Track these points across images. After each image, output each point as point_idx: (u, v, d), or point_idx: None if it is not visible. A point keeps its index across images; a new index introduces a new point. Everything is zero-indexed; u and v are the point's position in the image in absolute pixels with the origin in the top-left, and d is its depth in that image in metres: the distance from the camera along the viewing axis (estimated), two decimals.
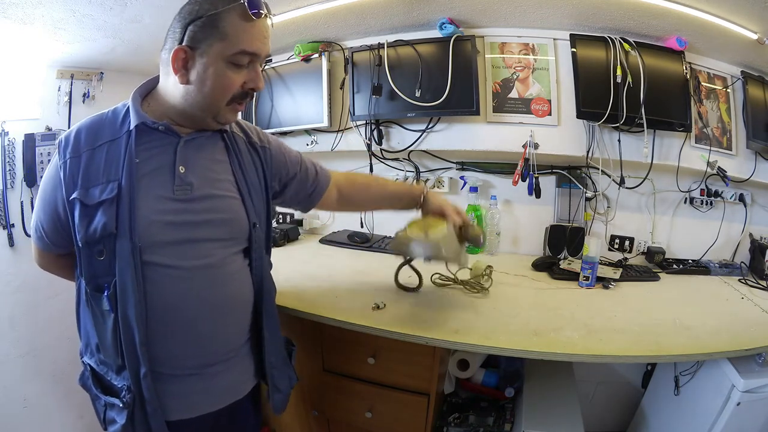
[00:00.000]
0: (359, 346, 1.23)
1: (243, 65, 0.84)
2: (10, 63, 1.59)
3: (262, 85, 0.88)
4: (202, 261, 0.85)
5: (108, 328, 0.82)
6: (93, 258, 0.81)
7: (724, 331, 1.16)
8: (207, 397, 0.90)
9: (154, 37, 1.63)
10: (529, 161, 1.66)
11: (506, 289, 1.41)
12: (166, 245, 0.82)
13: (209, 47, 0.80)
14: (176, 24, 0.83)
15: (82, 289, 0.86)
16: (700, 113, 1.66)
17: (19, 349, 1.67)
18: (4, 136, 1.60)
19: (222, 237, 0.89)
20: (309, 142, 2.00)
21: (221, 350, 0.90)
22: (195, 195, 0.86)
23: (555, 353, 1.02)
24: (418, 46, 1.71)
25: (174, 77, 0.83)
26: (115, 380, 0.86)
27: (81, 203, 0.80)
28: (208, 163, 0.90)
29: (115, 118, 0.87)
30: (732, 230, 1.76)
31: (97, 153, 0.83)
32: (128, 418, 0.82)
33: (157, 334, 0.82)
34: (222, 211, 0.89)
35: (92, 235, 0.80)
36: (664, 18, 1.49)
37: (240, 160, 0.95)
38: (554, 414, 1.38)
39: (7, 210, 1.62)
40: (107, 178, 0.81)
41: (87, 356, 0.92)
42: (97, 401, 0.91)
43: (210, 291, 0.86)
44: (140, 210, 0.81)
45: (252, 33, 0.82)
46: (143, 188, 0.82)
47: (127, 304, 0.79)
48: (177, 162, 0.85)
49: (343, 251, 1.84)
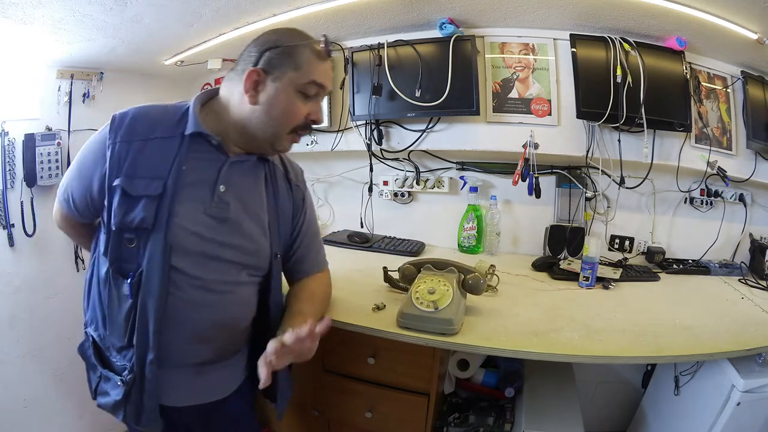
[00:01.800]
0: (359, 346, 1.23)
1: (310, 96, 0.90)
2: (10, 63, 1.59)
3: (323, 118, 0.94)
4: (220, 278, 0.90)
5: (123, 310, 0.86)
6: (122, 244, 0.85)
7: (724, 331, 1.16)
8: (197, 390, 0.95)
9: (154, 37, 1.63)
10: (529, 161, 1.66)
11: (506, 289, 1.41)
12: (192, 254, 0.87)
13: (283, 74, 0.86)
14: (252, 48, 0.89)
15: (101, 266, 0.89)
16: (700, 113, 1.66)
17: (19, 349, 1.67)
18: (4, 136, 1.59)
19: (243, 263, 0.94)
20: (309, 142, 1.99)
21: (216, 356, 0.95)
22: (228, 216, 0.90)
23: (555, 354, 1.02)
24: (418, 46, 1.71)
25: (241, 96, 0.88)
26: (114, 357, 0.91)
27: (123, 191, 0.83)
28: (247, 189, 0.95)
29: (173, 115, 0.90)
30: (732, 230, 1.76)
31: (149, 145, 0.86)
32: (124, 395, 0.87)
33: (167, 328, 0.86)
34: (248, 238, 0.94)
35: (128, 224, 0.83)
36: (664, 18, 1.49)
37: (276, 191, 1.01)
38: (554, 414, 1.38)
39: (7, 210, 1.61)
40: (154, 174, 0.84)
41: (91, 328, 0.96)
42: (92, 371, 0.97)
43: (216, 309, 0.90)
44: (177, 215, 0.85)
45: (322, 68, 0.89)
46: (184, 195, 0.86)
47: (149, 295, 0.83)
48: (219, 180, 0.89)
49: (343, 251, 1.84)
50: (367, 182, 1.99)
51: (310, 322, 0.81)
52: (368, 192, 2.00)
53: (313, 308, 1.02)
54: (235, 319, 0.95)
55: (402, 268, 1.28)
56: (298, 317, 0.94)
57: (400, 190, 1.97)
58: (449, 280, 1.17)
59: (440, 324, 1.07)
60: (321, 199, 2.16)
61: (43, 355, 1.73)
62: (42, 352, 1.73)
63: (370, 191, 2.00)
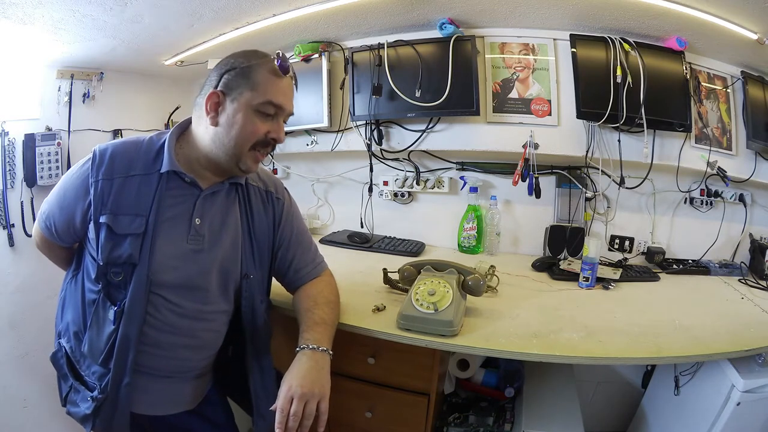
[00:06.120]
0: (359, 346, 1.23)
1: (269, 115, 0.92)
2: (10, 63, 1.59)
3: (284, 138, 0.96)
4: (198, 307, 0.95)
5: (104, 334, 0.90)
6: (110, 275, 0.90)
7: (724, 331, 1.16)
8: (166, 400, 1.00)
9: (154, 37, 1.63)
10: (529, 161, 1.66)
11: (506, 289, 1.41)
12: (172, 286, 0.92)
13: (240, 95, 0.89)
14: (213, 73, 0.93)
15: (86, 286, 0.94)
16: (700, 113, 1.66)
17: (19, 349, 1.67)
18: (4, 136, 1.59)
19: (220, 288, 0.99)
20: (309, 142, 2.00)
21: (187, 372, 1.00)
22: (203, 247, 0.95)
23: (555, 356, 1.02)
24: (418, 46, 1.70)
25: (206, 121, 0.91)
26: (85, 372, 0.94)
27: (109, 228, 0.88)
28: (221, 217, 0.99)
29: (149, 150, 0.94)
30: (732, 230, 1.76)
31: (128, 182, 0.91)
32: (94, 410, 0.91)
33: (144, 347, 0.91)
34: (223, 265, 0.98)
35: (115, 260, 0.88)
36: (664, 18, 1.49)
37: (250, 213, 1.04)
38: (554, 414, 1.38)
39: (7, 210, 1.61)
40: (136, 211, 0.89)
41: (64, 340, 1.00)
42: (63, 380, 1.01)
43: (188, 335, 0.96)
44: (158, 251, 0.90)
45: (278, 87, 0.92)
46: (164, 231, 0.91)
47: (131, 324, 0.88)
48: (194, 214, 0.94)
49: (343, 251, 1.84)
50: (367, 182, 1.99)
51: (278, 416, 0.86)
52: (368, 192, 2.00)
53: (320, 311, 1.04)
54: (206, 341, 1.00)
55: (402, 270, 1.29)
56: (307, 322, 1.01)
57: (400, 190, 1.97)
58: (449, 282, 1.17)
59: (440, 325, 1.07)
60: (321, 199, 2.16)
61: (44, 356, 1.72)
62: (42, 353, 1.72)
63: (370, 191, 2.00)
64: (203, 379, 1.06)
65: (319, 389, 0.90)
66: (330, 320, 1.05)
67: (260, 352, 1.03)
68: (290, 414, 0.86)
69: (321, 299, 1.08)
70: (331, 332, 1.03)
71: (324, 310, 1.05)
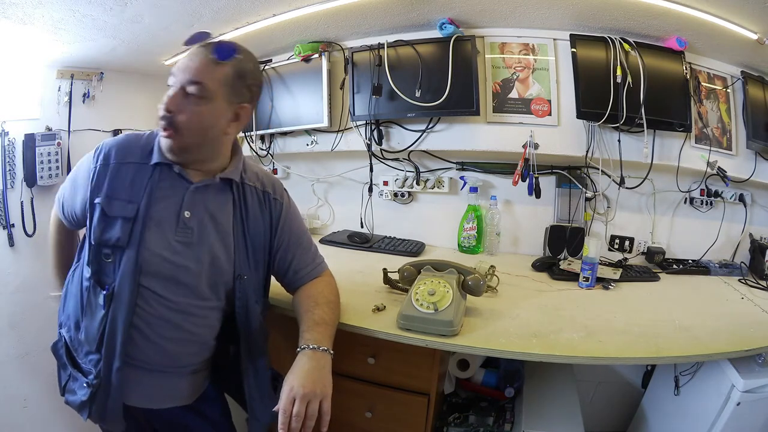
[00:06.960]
0: (359, 346, 1.23)
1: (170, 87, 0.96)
2: (10, 63, 1.59)
3: (168, 104, 0.94)
4: (188, 301, 0.95)
5: (96, 319, 0.92)
6: (101, 258, 0.92)
7: (724, 331, 1.16)
8: (159, 394, 1.00)
9: (154, 37, 1.63)
10: (529, 161, 1.66)
11: (506, 289, 1.41)
12: (162, 278, 0.92)
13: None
14: None
15: (83, 275, 0.95)
16: (700, 113, 1.66)
17: (19, 349, 1.67)
18: (4, 136, 1.59)
19: (210, 285, 0.98)
20: (309, 142, 2.00)
21: (182, 367, 1.00)
22: (192, 241, 0.95)
23: (555, 356, 1.02)
24: (418, 46, 1.70)
25: None
26: (82, 360, 0.96)
27: (102, 210, 0.90)
28: (212, 213, 0.98)
29: (147, 142, 0.97)
30: (732, 230, 1.76)
31: (124, 168, 0.93)
32: (90, 396, 0.92)
33: (134, 339, 0.92)
34: (213, 262, 0.97)
35: (106, 241, 0.90)
36: (664, 18, 1.49)
37: (245, 213, 1.02)
38: (554, 414, 1.38)
39: (7, 210, 1.61)
40: (129, 198, 0.91)
41: (64, 330, 1.02)
42: (63, 370, 1.03)
43: (179, 328, 0.95)
44: (147, 240, 0.91)
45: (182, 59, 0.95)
46: (154, 220, 0.92)
47: (119, 309, 0.89)
48: (183, 206, 0.94)
49: (343, 251, 1.84)
50: (367, 182, 1.99)
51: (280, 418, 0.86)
52: (368, 192, 2.00)
53: (320, 311, 1.04)
54: (196, 336, 1.00)
55: (402, 270, 1.29)
56: (308, 322, 1.01)
57: (400, 191, 1.97)
58: (449, 282, 1.17)
59: (440, 325, 1.07)
60: (321, 199, 2.16)
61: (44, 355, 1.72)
62: (42, 352, 1.72)
63: (370, 191, 2.00)
64: (199, 375, 1.05)
65: (321, 389, 0.90)
66: (330, 320, 1.05)
67: (255, 354, 1.03)
68: (293, 415, 0.86)
69: (321, 299, 1.08)
70: (331, 332, 1.03)
71: (324, 310, 1.05)
